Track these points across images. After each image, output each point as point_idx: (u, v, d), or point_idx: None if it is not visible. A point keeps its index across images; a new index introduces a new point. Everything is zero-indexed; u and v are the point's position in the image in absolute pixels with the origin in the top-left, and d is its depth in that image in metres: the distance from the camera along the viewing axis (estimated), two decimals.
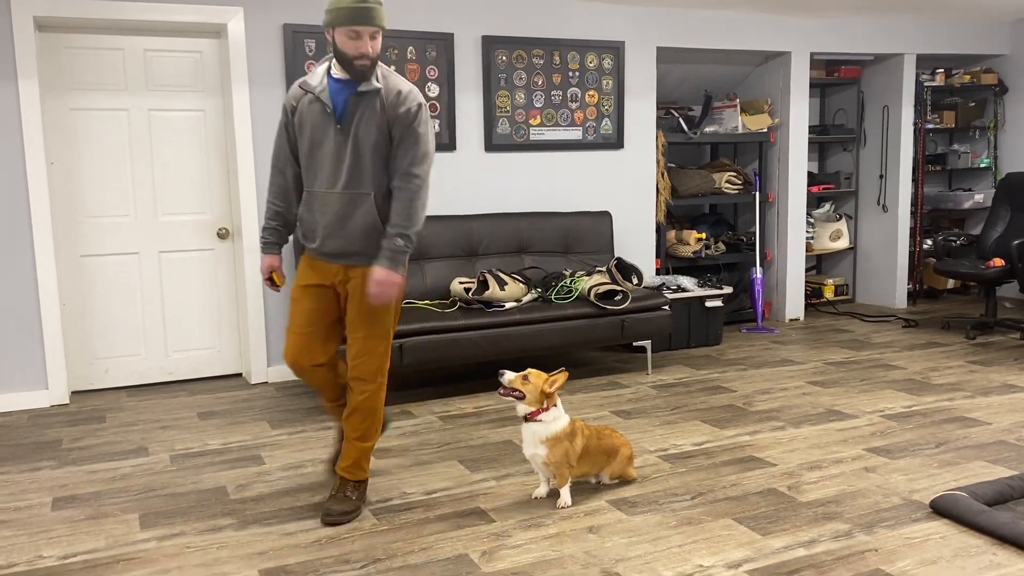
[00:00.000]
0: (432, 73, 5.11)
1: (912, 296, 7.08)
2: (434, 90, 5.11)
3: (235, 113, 4.67)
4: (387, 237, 2.81)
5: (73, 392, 4.72)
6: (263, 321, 4.86)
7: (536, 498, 3.12)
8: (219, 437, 3.93)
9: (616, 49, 5.56)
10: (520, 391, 3.00)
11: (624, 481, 3.25)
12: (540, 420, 3.01)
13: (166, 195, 4.80)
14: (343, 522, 2.94)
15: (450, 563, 2.63)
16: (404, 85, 2.86)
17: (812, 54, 6.40)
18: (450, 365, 4.44)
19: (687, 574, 2.52)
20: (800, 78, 6.29)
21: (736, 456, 3.53)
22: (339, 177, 2.84)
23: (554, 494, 3.12)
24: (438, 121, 5.13)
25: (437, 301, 4.80)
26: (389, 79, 2.86)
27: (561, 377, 3.03)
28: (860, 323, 6.34)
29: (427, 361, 4.30)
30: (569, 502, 3.04)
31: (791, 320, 6.50)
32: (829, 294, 7.07)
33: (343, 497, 2.99)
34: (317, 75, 2.86)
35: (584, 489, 3.18)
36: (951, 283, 7.37)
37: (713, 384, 4.69)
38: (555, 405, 3.03)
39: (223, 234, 4.92)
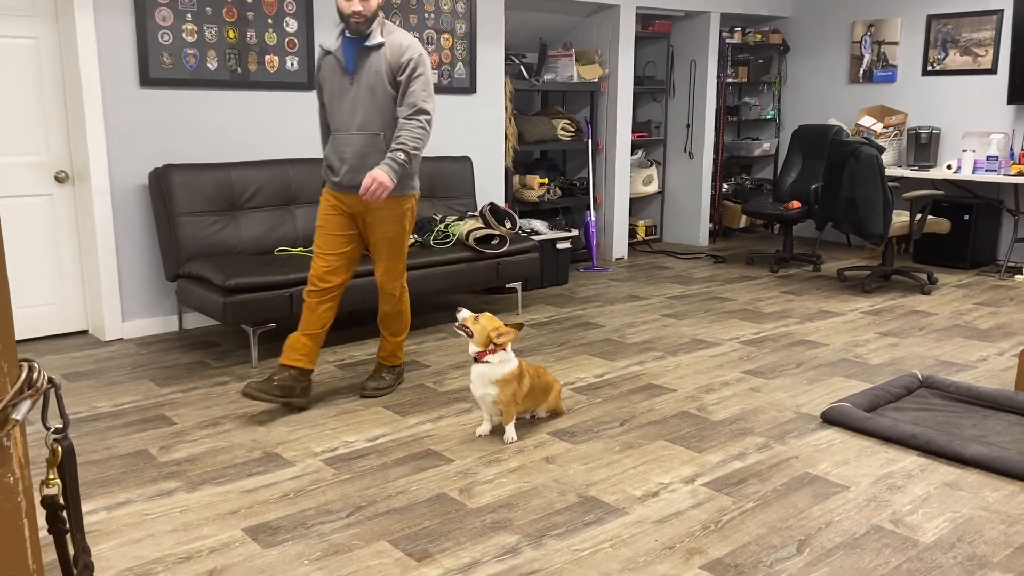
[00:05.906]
0: (290, 8, 4.86)
1: (712, 235, 7.85)
2: (292, 25, 4.88)
3: (78, 41, 4.19)
4: (391, 150, 3.26)
5: None
6: (116, 272, 4.47)
7: (480, 436, 3.24)
8: (104, 399, 3.63)
9: None
10: (470, 329, 3.10)
11: (556, 414, 3.46)
12: (487, 362, 3.11)
13: None
14: (378, 395, 3.65)
15: (435, 503, 2.70)
16: (405, 39, 3.35)
17: (637, 8, 6.79)
18: (339, 313, 4.36)
19: (653, 492, 2.79)
20: (627, 31, 6.67)
21: (637, 384, 3.86)
22: (355, 120, 3.36)
23: (497, 431, 3.25)
24: (296, 59, 4.93)
25: None
26: (392, 35, 3.35)
27: (510, 333, 3.13)
28: (675, 260, 6.95)
29: None
30: (515, 437, 3.19)
31: (617, 259, 6.99)
32: (642, 233, 7.65)
33: (379, 377, 3.71)
34: (333, 36, 3.42)
35: (521, 424, 3.34)
36: (743, 222, 8.24)
37: (581, 320, 5.00)
38: (503, 349, 3.14)
39: (61, 177, 4.43)
